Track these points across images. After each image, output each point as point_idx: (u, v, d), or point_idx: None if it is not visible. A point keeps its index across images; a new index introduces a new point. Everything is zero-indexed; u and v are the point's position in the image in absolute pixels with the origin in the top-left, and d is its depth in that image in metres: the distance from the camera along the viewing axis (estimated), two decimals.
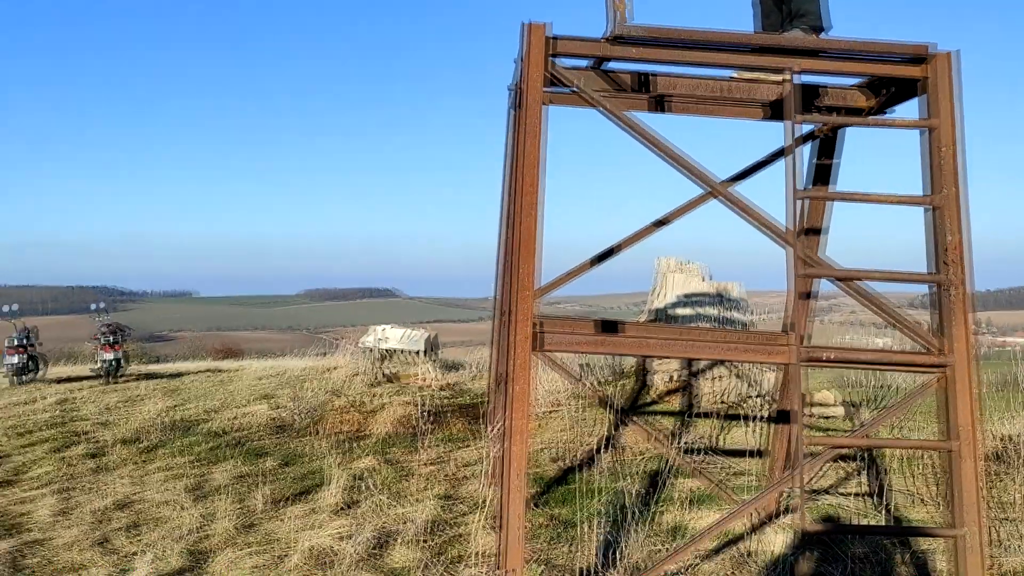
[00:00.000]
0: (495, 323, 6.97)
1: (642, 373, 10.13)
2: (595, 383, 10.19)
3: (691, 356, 6.10)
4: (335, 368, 13.41)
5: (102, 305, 17.06)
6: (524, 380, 4.14)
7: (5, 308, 14.86)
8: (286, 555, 5.62)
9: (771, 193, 4.62)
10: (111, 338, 14.31)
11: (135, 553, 5.73)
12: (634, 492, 6.48)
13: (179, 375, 15.05)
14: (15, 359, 13.82)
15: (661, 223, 5.86)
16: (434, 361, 13.48)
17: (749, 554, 5.50)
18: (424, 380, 12.17)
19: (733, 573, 5.27)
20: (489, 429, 6.79)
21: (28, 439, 9.49)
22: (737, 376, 9.16)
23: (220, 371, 15.77)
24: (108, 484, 7.54)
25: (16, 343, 13.97)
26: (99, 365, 14.34)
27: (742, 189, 5.34)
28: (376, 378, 12.27)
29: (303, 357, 17.29)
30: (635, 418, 7.82)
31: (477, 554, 5.34)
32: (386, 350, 13.52)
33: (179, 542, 5.92)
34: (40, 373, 14.42)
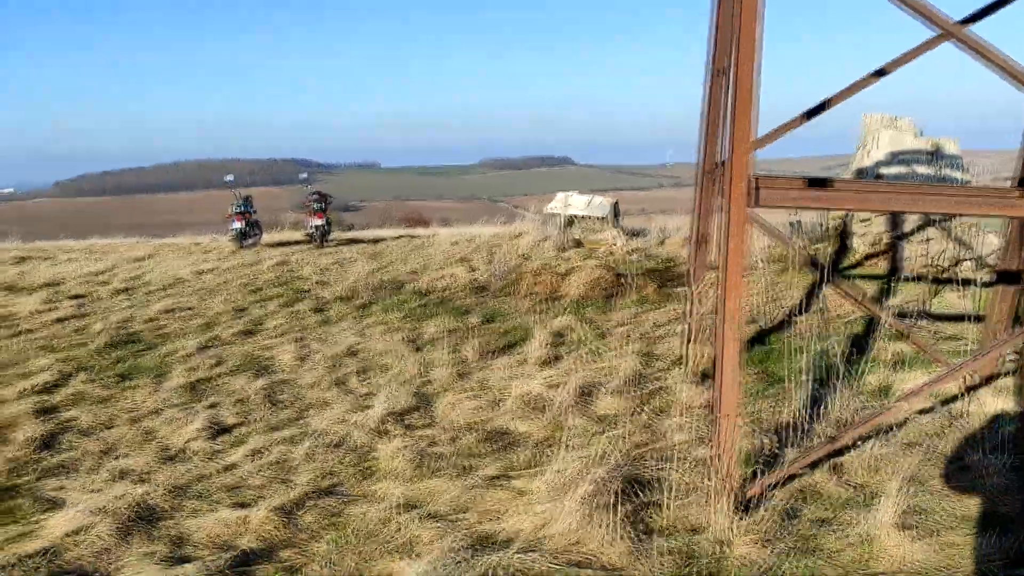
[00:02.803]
0: (699, 185, 6.93)
1: (842, 236, 9.76)
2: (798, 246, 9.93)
3: (917, 210, 5.84)
4: (522, 234, 13.82)
5: (305, 176, 18.36)
6: (739, 237, 4.16)
7: (227, 178, 16.29)
8: (501, 400, 6.11)
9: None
10: (319, 205, 15.44)
11: (368, 394, 6.41)
12: (839, 352, 6.42)
13: (379, 240, 16.06)
14: (238, 224, 15.21)
15: (880, 73, 5.51)
16: (619, 227, 13.58)
17: (961, 415, 5.38)
18: (611, 245, 12.33)
19: (942, 432, 5.20)
20: (692, 291, 6.88)
21: (260, 295, 10.61)
22: (950, 238, 8.64)
23: (414, 237, 16.67)
24: (335, 335, 8.37)
25: (238, 210, 15.34)
26: (311, 230, 15.56)
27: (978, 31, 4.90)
28: (564, 244, 12.55)
29: (489, 224, 17.90)
30: (838, 280, 7.62)
31: (682, 404, 5.57)
32: (571, 216, 13.77)
33: (405, 385, 6.56)
34: (259, 238, 15.84)
